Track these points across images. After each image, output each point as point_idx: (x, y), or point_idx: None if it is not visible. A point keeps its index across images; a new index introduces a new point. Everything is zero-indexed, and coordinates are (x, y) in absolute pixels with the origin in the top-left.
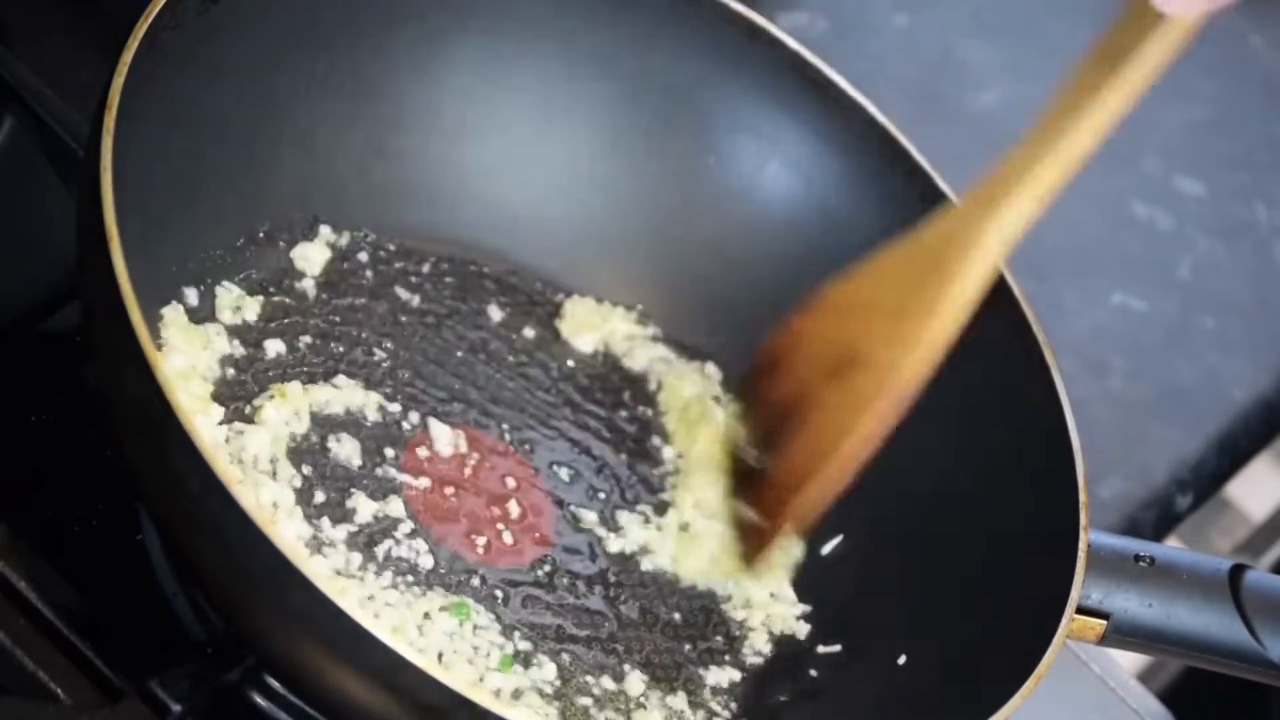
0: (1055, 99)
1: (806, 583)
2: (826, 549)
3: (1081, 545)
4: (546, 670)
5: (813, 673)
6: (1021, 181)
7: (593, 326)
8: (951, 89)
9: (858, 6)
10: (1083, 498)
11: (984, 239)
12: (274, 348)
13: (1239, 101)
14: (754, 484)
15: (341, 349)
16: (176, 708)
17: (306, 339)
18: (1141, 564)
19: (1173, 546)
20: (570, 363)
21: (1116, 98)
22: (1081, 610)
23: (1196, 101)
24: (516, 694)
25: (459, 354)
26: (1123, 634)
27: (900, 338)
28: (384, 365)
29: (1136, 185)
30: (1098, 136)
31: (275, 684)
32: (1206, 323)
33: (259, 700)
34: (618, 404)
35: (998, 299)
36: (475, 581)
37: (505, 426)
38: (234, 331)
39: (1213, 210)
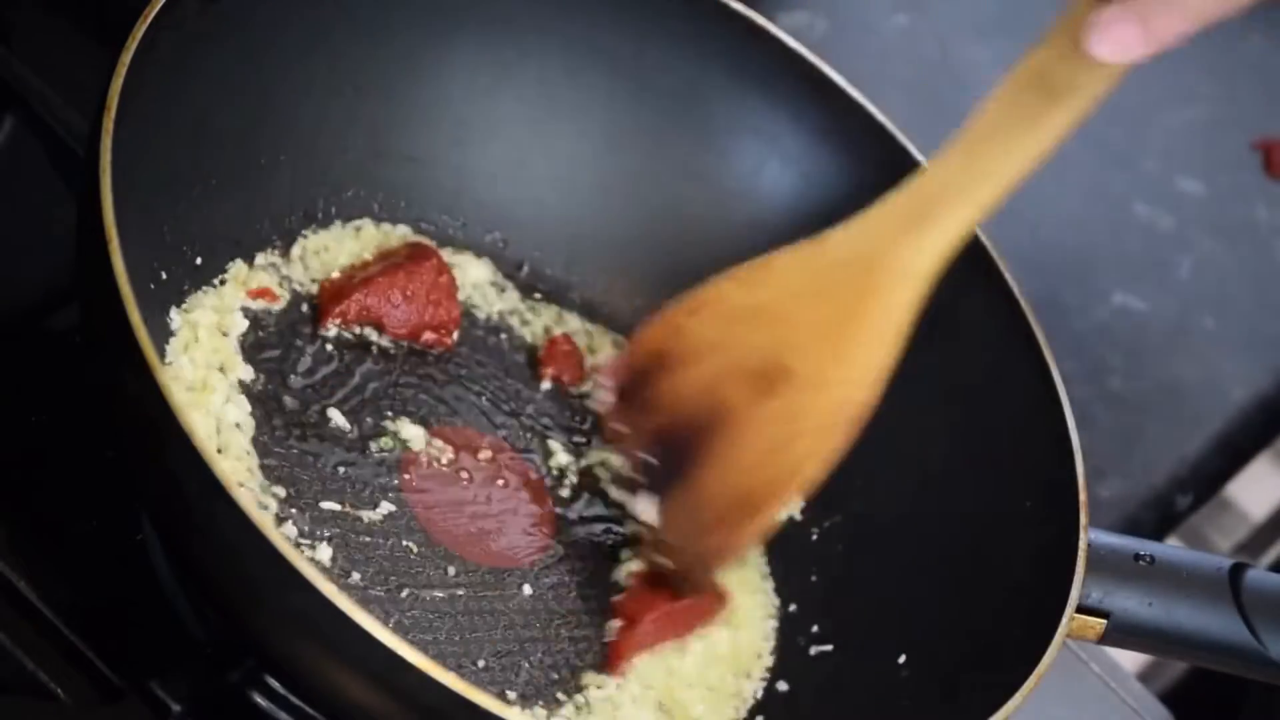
0: (981, 119)
1: (804, 582)
2: (826, 549)
3: (1081, 544)
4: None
5: (812, 673)
6: (946, 202)
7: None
8: (951, 89)
9: (858, 6)
10: (1083, 497)
11: (904, 262)
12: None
13: (1239, 101)
14: (663, 505)
15: (340, 347)
16: (176, 708)
17: (305, 338)
18: (1142, 563)
19: (1173, 546)
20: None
21: (1053, 129)
22: (1082, 609)
23: (1196, 101)
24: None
25: (456, 353)
26: (1123, 633)
27: (830, 356)
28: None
29: (1136, 185)
30: (1034, 164)
31: (275, 684)
32: (1206, 323)
33: (259, 700)
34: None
35: (997, 299)
36: (474, 581)
37: (504, 431)
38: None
39: (1213, 210)
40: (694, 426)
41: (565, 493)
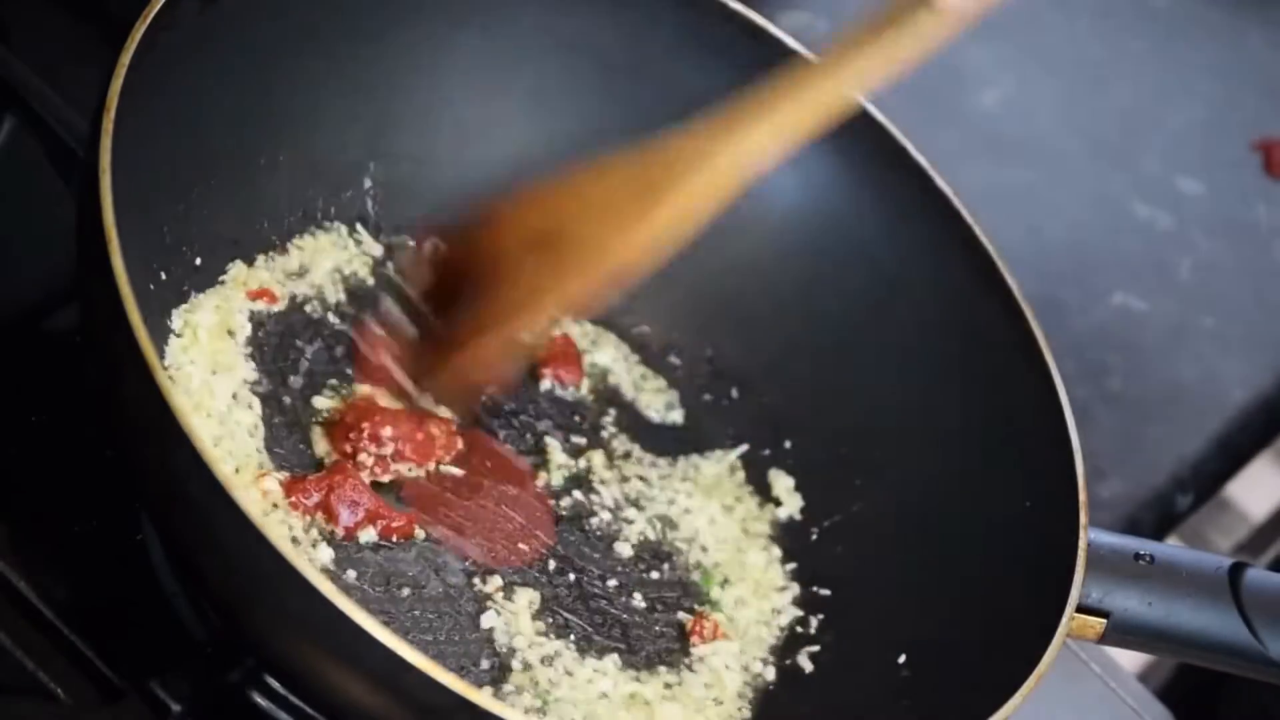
0: (828, 50)
1: (804, 582)
2: (826, 549)
3: (1081, 544)
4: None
5: (810, 673)
6: (766, 117)
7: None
8: (951, 89)
9: (858, 6)
10: (1082, 496)
11: (717, 159)
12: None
13: (1239, 101)
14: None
15: (341, 350)
16: (176, 708)
17: (305, 337)
18: (1141, 562)
19: (1173, 545)
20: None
21: (877, 65)
22: (1081, 609)
23: (1196, 101)
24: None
25: None
26: (1123, 632)
27: (614, 225)
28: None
29: (1136, 185)
30: (847, 97)
31: (275, 684)
32: (1206, 323)
33: (259, 700)
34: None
35: (997, 299)
36: (474, 581)
37: (504, 431)
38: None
39: (1213, 210)
40: (470, 283)
41: (564, 493)
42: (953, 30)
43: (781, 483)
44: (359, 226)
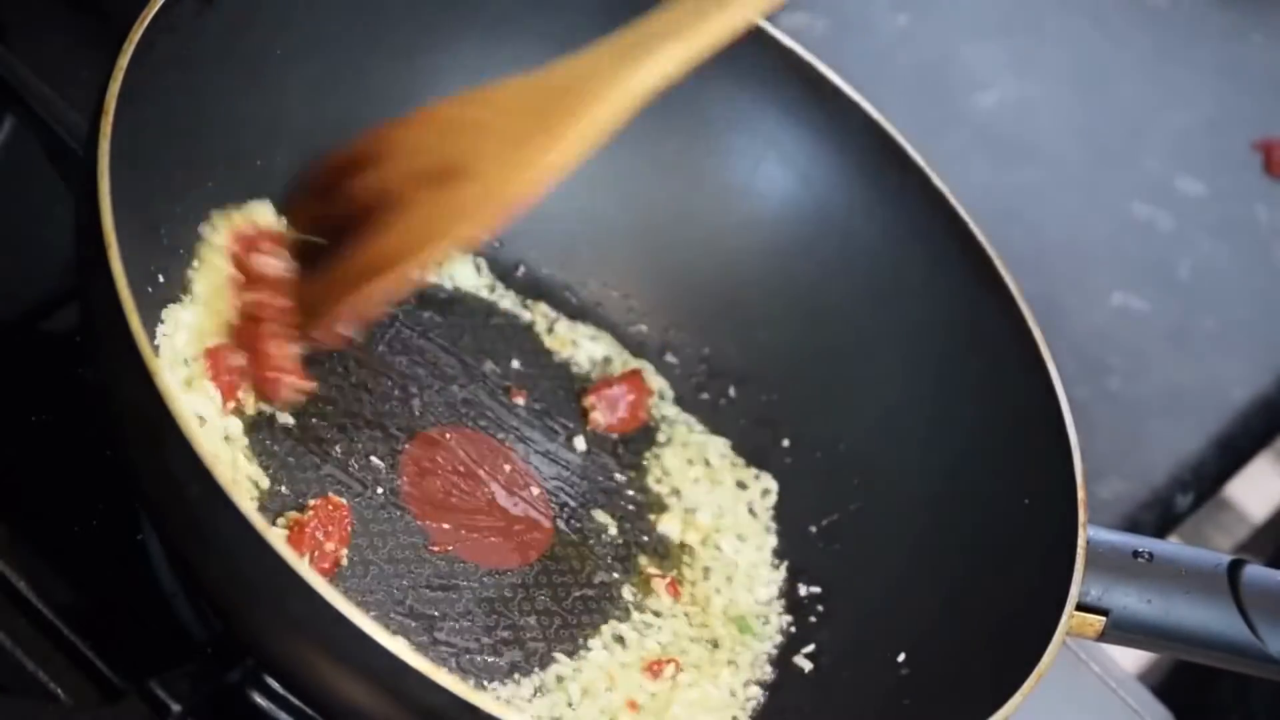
0: None
1: (804, 581)
2: (825, 547)
3: (1080, 542)
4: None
5: (809, 672)
6: (666, 41)
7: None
8: (951, 89)
9: (858, 6)
10: (1081, 494)
11: (617, 84)
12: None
13: (1239, 101)
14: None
15: (339, 352)
16: (176, 708)
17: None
18: (1140, 560)
19: (1172, 543)
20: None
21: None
22: (1081, 607)
23: (1197, 101)
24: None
25: (454, 354)
26: (1122, 630)
27: (514, 159)
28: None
29: (1136, 185)
30: (748, 17)
31: (275, 684)
32: (1206, 323)
33: (259, 700)
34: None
35: (997, 299)
36: (474, 581)
37: (502, 432)
38: None
39: (1213, 210)
40: (362, 214)
41: (564, 493)
42: None
43: (778, 481)
44: None
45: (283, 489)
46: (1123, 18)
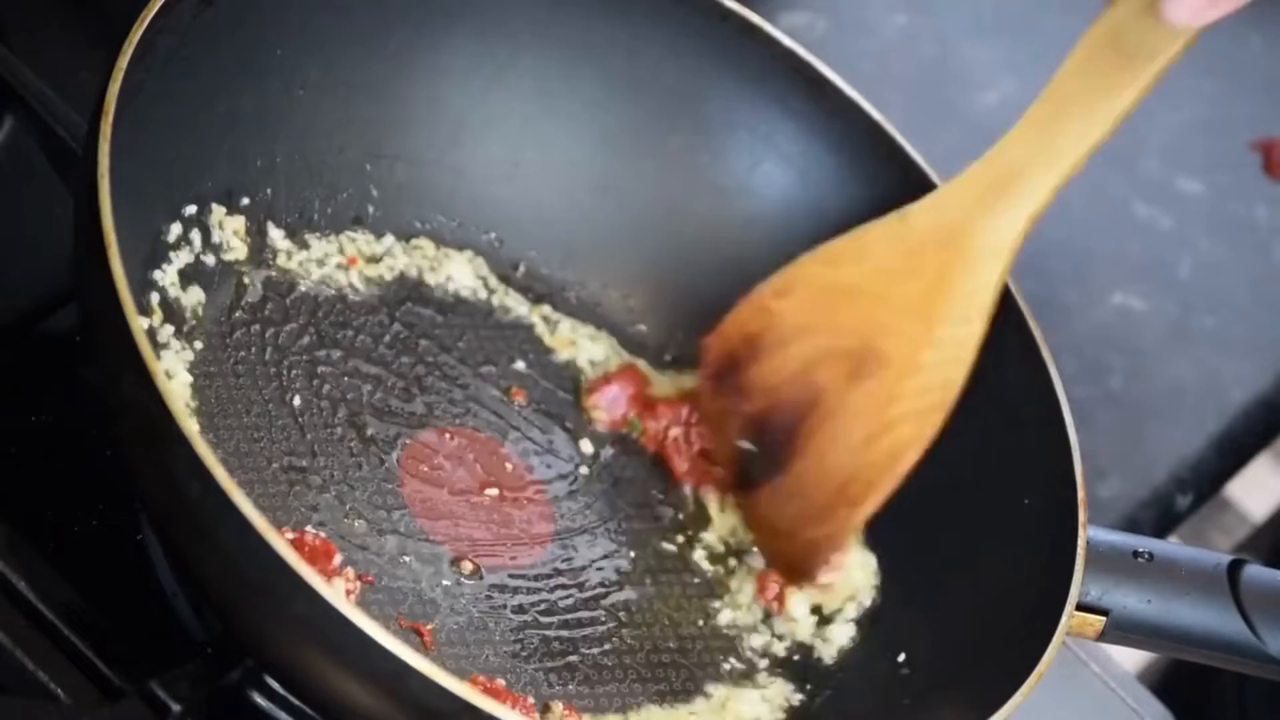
0: (1055, 86)
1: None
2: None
3: (1080, 542)
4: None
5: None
6: (1026, 173)
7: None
8: (951, 89)
9: (858, 6)
10: (1081, 494)
11: (988, 237)
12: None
13: (1239, 101)
14: (762, 492)
15: (338, 354)
16: (176, 708)
17: (304, 340)
18: (1140, 560)
19: (1171, 543)
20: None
21: (1128, 94)
22: (1081, 607)
23: (1196, 101)
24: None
25: (454, 354)
26: (1122, 630)
27: (922, 337)
28: (382, 366)
29: (1136, 185)
30: (1110, 129)
31: (275, 684)
32: (1206, 323)
33: (259, 700)
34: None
35: (997, 299)
36: (474, 582)
37: (503, 433)
38: None
39: (1213, 210)
40: (789, 413)
41: (564, 494)
42: (1184, 47)
43: None
44: (356, 226)
45: None
46: None
